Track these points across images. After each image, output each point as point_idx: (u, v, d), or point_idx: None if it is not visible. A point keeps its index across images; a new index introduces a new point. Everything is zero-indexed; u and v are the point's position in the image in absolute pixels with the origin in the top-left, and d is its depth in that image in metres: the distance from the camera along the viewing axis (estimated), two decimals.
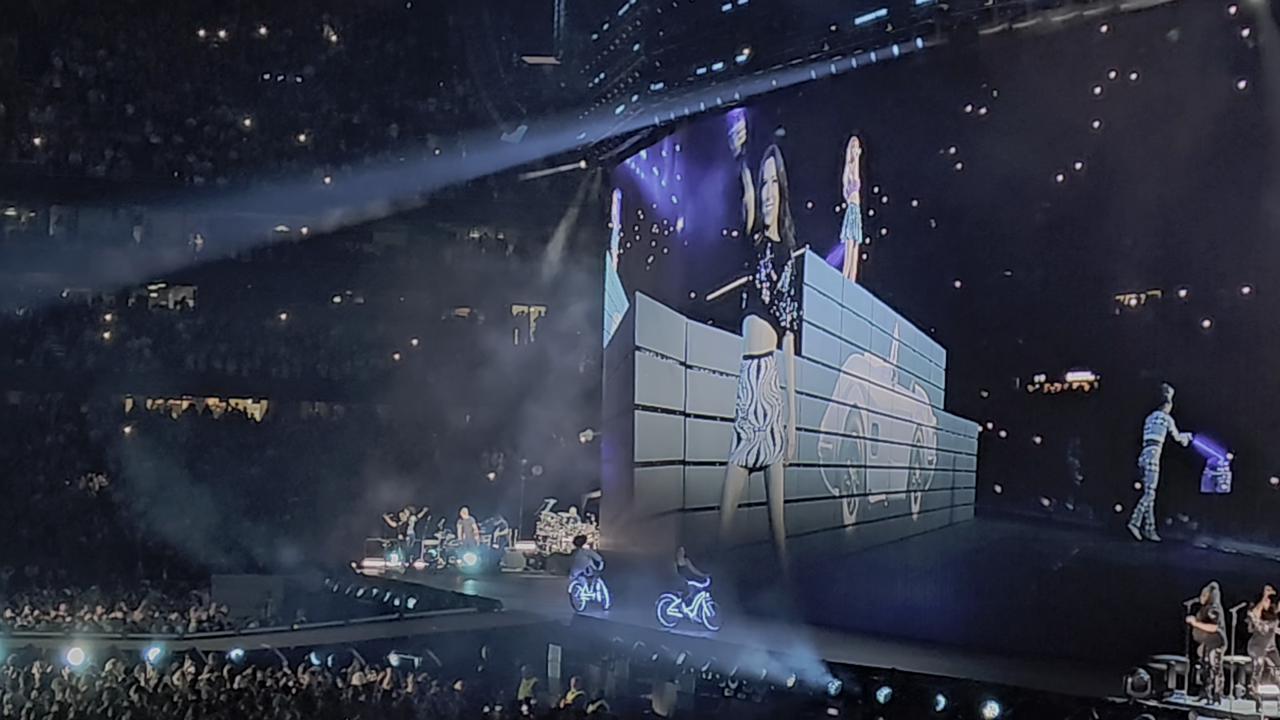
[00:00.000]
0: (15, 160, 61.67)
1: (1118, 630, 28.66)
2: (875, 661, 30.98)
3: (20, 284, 60.06)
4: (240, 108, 65.11)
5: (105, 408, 59.95)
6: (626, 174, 50.58)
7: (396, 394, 60.27)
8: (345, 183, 60.72)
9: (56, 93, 63.91)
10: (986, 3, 34.05)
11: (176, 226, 61.06)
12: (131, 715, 30.37)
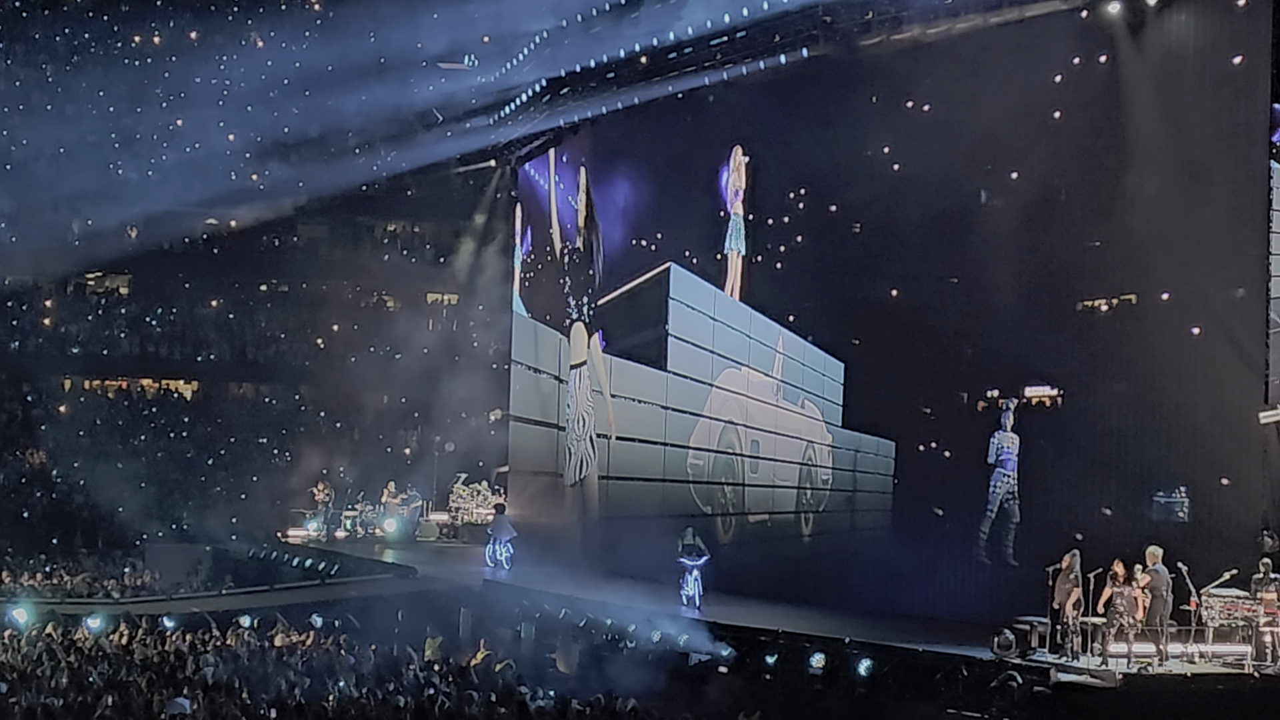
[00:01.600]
0: None
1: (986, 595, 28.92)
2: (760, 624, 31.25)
3: None
4: (172, 107, 64.67)
5: (45, 388, 59.60)
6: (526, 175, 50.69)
7: (319, 376, 60.27)
8: (271, 178, 60.44)
9: None
10: (867, 15, 34.22)
11: (111, 218, 60.56)
12: (69, 674, 30.22)
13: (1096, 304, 30.02)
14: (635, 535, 38.69)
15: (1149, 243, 28.97)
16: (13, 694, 27.32)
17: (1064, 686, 24.41)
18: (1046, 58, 30.92)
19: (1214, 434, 27.61)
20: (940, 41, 33.09)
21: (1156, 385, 28.55)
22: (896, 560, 33.11)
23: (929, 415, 33.28)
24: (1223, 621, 24.98)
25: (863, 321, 34.95)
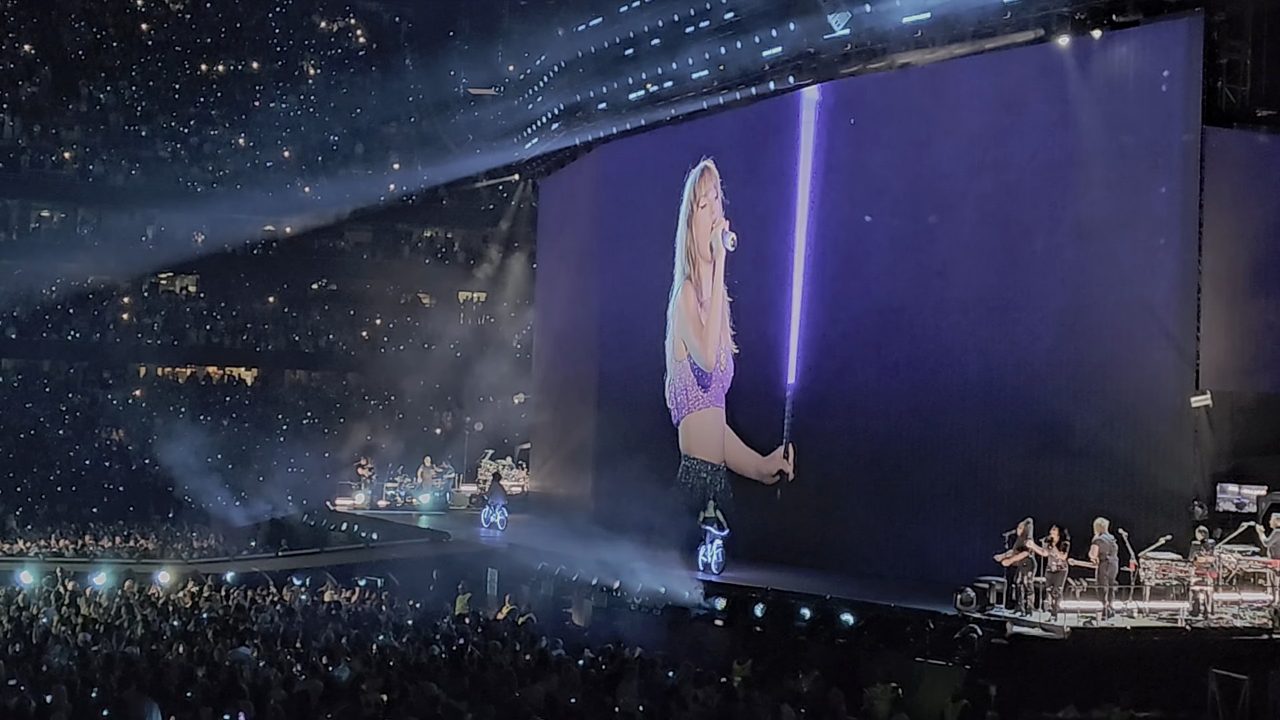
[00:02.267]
0: (49, 170, 61.18)
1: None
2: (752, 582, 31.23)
3: (53, 272, 59.65)
4: (234, 128, 64.73)
5: (123, 374, 59.65)
6: (550, 188, 50.61)
7: (364, 364, 60.31)
8: (321, 191, 60.47)
9: (83, 115, 63.37)
10: (846, 48, 34.17)
11: (182, 225, 60.59)
12: (144, 626, 30.21)
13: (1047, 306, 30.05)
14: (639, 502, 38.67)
15: (1093, 249, 29.07)
16: (96, 643, 27.33)
17: (1019, 638, 24.45)
18: (1004, 84, 31.01)
19: (1150, 416, 27.76)
20: (914, 69, 33.11)
21: (1099, 374, 28.63)
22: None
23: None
24: (1158, 581, 25.13)
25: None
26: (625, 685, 24.14)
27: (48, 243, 61.04)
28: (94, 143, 62.44)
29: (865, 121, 34.51)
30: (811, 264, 35.57)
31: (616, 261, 43.38)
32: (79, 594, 35.50)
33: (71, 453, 56.16)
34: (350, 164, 63.08)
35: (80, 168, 61.68)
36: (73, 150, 61.99)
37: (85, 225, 62.08)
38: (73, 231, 61.94)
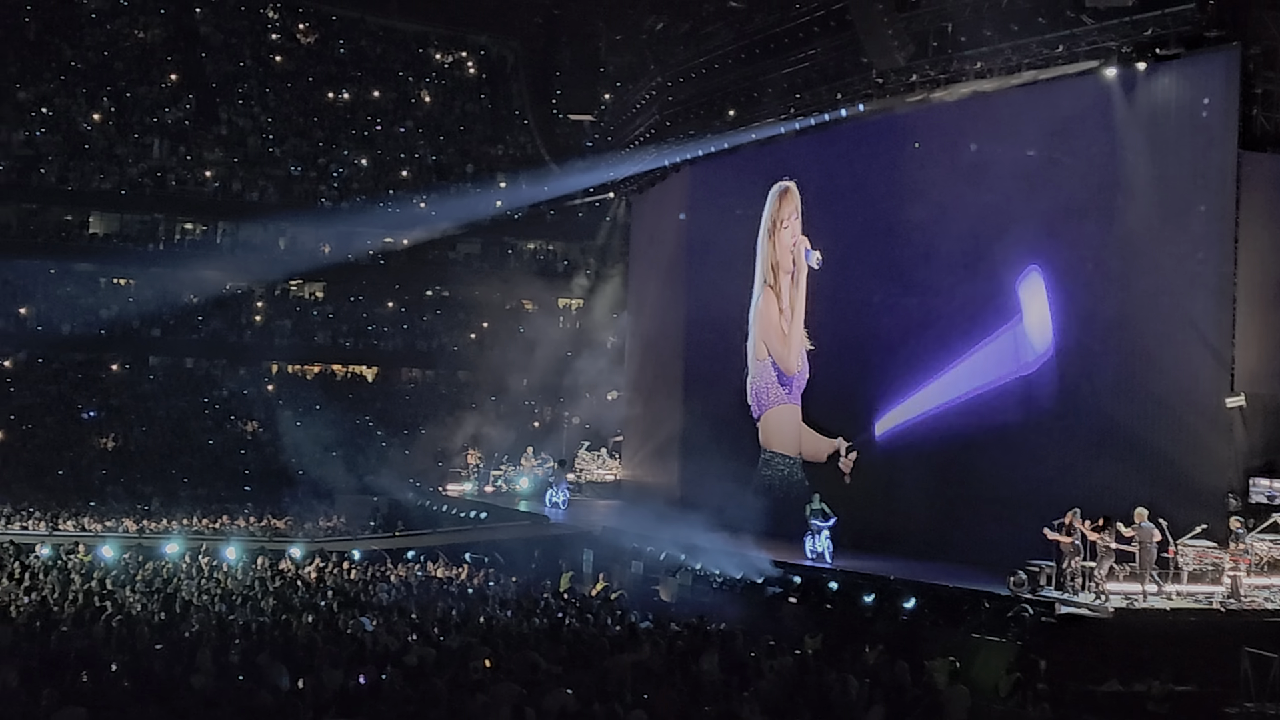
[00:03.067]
0: (193, 188, 61.87)
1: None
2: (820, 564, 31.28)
3: (195, 279, 60.10)
4: (358, 150, 65.21)
5: (257, 371, 60.18)
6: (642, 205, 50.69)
7: (473, 363, 60.55)
8: (435, 206, 60.78)
9: (223, 138, 64.01)
10: (911, 78, 34.12)
11: (311, 237, 61.11)
12: (276, 598, 30.50)
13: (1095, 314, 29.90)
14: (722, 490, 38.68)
15: (1138, 263, 28.90)
16: (232, 613, 27.62)
17: (1067, 617, 24.34)
18: (1056, 112, 30.87)
19: (1189, 415, 27.58)
20: (972, 98, 33.02)
21: (1143, 377, 28.47)
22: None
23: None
24: (1195, 566, 25.04)
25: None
26: (707, 656, 24.18)
27: (191, 253, 61.56)
28: (233, 163, 63.08)
29: (928, 146, 34.41)
30: (880, 274, 35.55)
31: (701, 271, 43.41)
32: (216, 568, 35.93)
33: (211, 441, 56.79)
34: (461, 182, 63.37)
35: (220, 185, 62.30)
36: (214, 170, 62.62)
37: (224, 237, 62.62)
38: (213, 242, 62.48)
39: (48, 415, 56.81)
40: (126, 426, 57.22)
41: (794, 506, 37.51)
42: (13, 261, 59.29)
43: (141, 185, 61.39)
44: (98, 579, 33.08)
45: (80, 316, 58.89)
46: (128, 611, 27.67)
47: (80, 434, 56.60)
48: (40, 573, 34.17)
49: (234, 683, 20.19)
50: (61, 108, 63.33)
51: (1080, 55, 30.04)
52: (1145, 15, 28.40)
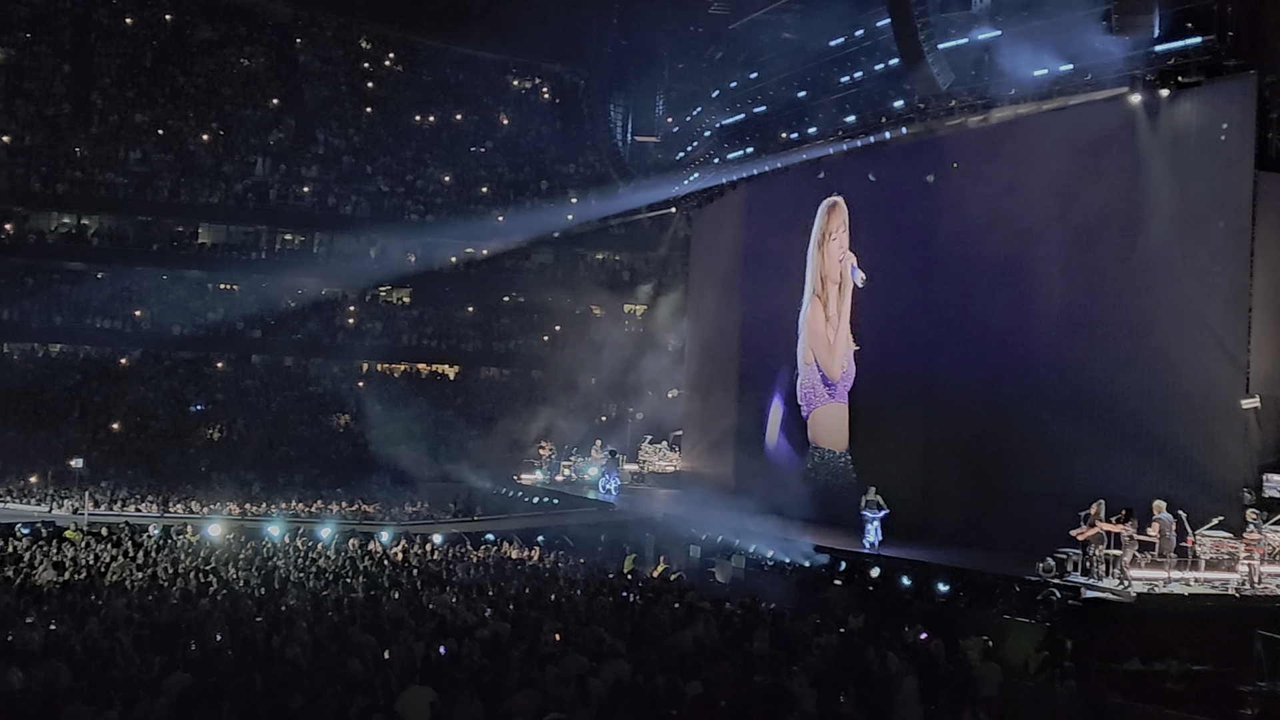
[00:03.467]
0: (292, 202, 62.31)
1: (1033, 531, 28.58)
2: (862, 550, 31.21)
3: (294, 285, 60.65)
4: (442, 168, 65.50)
5: (349, 369, 60.50)
6: (701, 219, 50.68)
7: (545, 363, 60.61)
8: (512, 220, 61.00)
9: (320, 157, 64.42)
10: (950, 103, 34.03)
11: (399, 247, 61.44)
12: (365, 576, 30.66)
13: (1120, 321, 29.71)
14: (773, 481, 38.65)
15: (1160, 274, 28.72)
16: (325, 590, 27.79)
17: (1091, 601, 24.24)
18: (1084, 135, 30.70)
19: (1206, 416, 27.39)
20: (1005, 122, 32.91)
21: (1163, 379, 28.28)
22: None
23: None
24: (1212, 555, 24.84)
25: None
26: (759, 633, 24.14)
27: (290, 261, 61.99)
28: (328, 179, 63.48)
29: (966, 165, 34.28)
30: (920, 282, 35.44)
31: (755, 280, 43.37)
32: (312, 548, 36.16)
33: (307, 432, 57.15)
34: (536, 198, 63.59)
35: (317, 200, 62.72)
36: (311, 185, 63.05)
37: (320, 247, 63.10)
38: (310, 252, 62.94)
39: (160, 408, 57.32)
40: (230, 419, 57.65)
41: (839, 496, 37.54)
42: (130, 268, 60.01)
43: (246, 199, 61.88)
44: (204, 557, 33.41)
45: (189, 319, 59.36)
46: (231, 587, 27.94)
47: (188, 425, 57.08)
48: (152, 550, 34.53)
49: (327, 653, 20.31)
50: (174, 129, 63.94)
51: (1107, 83, 29.89)
52: (1168, 45, 28.29)
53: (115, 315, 59.36)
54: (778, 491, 37.51)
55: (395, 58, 72.00)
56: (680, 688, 19.03)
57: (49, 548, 34.71)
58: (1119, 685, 21.37)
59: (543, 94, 72.72)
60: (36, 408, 55.54)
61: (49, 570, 30.53)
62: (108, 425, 55.71)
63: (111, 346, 59.51)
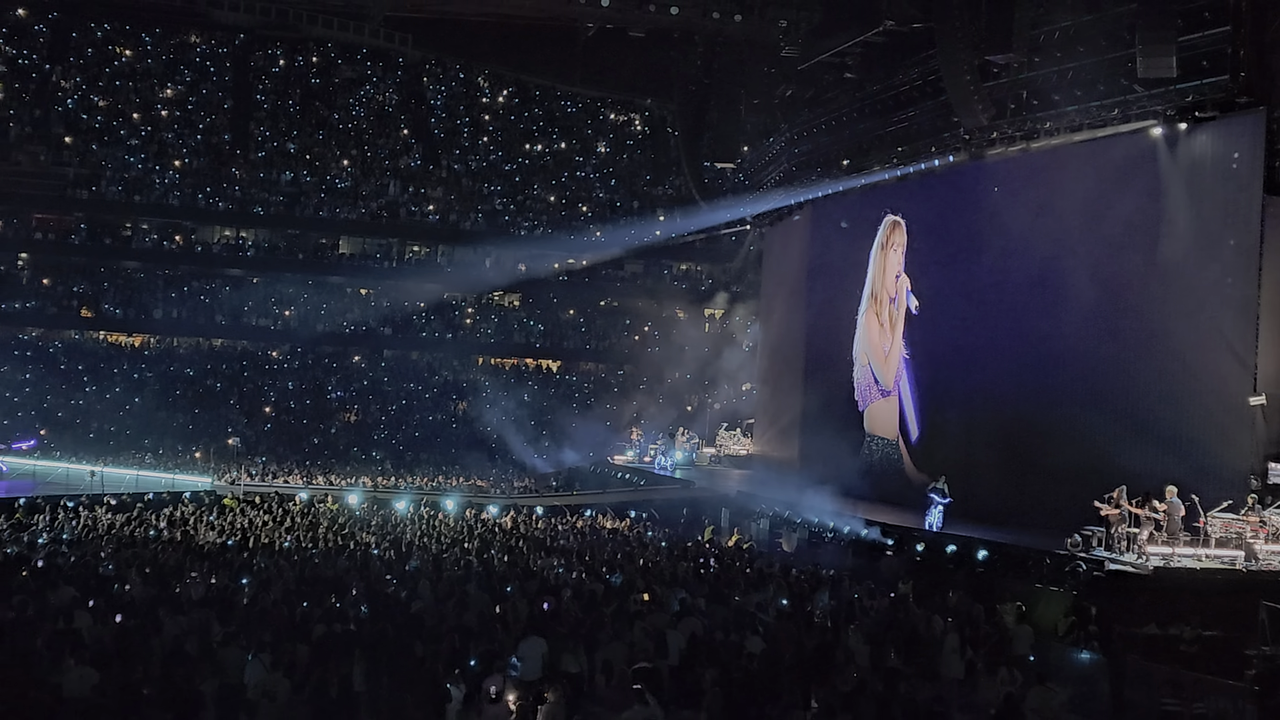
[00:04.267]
0: (419, 219, 62.81)
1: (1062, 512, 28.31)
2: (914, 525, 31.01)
3: (419, 290, 61.05)
4: (548, 190, 65.76)
5: (466, 364, 60.84)
6: (772, 235, 50.55)
7: (636, 358, 60.74)
8: (608, 235, 61.15)
9: (443, 179, 64.89)
10: (992, 134, 33.79)
11: (510, 258, 61.76)
12: (480, 541, 30.88)
13: (1140, 327, 29.40)
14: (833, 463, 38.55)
15: (1177, 285, 28.41)
16: (445, 553, 28.02)
17: (1114, 573, 24.01)
18: (1111, 163, 30.39)
19: (1218, 411, 27.05)
20: (1041, 151, 32.64)
21: (1179, 379, 27.97)
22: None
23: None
24: (1221, 534, 24.66)
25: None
26: (820, 595, 24.09)
27: (416, 269, 62.51)
28: (450, 199, 63.95)
29: (1006, 189, 33.99)
30: (965, 291, 35.21)
31: (818, 289, 43.33)
32: (434, 517, 36.48)
33: (430, 417, 57.54)
34: (628, 216, 63.62)
35: (441, 217, 63.18)
36: (435, 204, 63.52)
37: (443, 257, 63.53)
38: (434, 261, 63.40)
39: (305, 395, 57.96)
40: (365, 405, 58.17)
41: (890, 478, 37.55)
42: (280, 275, 60.70)
43: (380, 216, 62.45)
44: (341, 523, 33.81)
45: (331, 319, 60.00)
46: (364, 549, 28.25)
47: (329, 410, 57.66)
48: (298, 516, 34.99)
49: (446, 607, 20.49)
50: (319, 155, 64.68)
51: (1131, 117, 29.66)
52: (1186, 84, 28.04)
53: (267, 315, 60.15)
54: (837, 473, 37.40)
55: (509, 94, 72.39)
56: (749, 642, 19.03)
57: (210, 513, 35.32)
58: (1137, 647, 21.16)
59: (635, 126, 72.84)
60: (200, 394, 56.33)
61: (210, 532, 31.06)
62: (260, 409, 56.43)
63: (264, 342, 60.23)
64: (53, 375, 54.71)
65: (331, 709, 14.95)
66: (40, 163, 59.61)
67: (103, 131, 62.59)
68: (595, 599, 22.11)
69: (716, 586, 24.45)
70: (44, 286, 58.97)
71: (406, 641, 17.90)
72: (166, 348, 59.32)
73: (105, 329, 59.64)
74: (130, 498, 37.03)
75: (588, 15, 57.57)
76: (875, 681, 17.40)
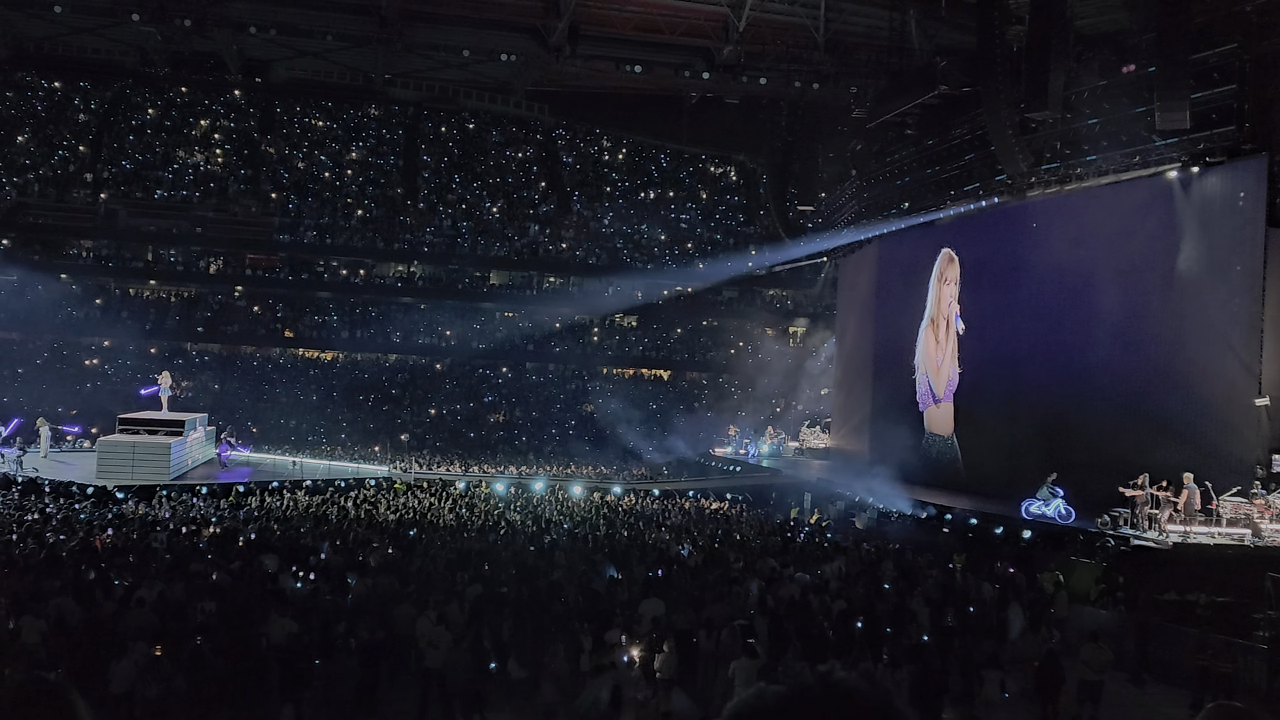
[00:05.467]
0: (554, 254, 63.23)
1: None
2: (967, 507, 30.56)
3: (554, 313, 61.41)
4: (659, 230, 65.83)
5: (592, 374, 61.02)
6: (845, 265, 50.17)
7: (733, 368, 60.53)
8: (708, 267, 61.11)
9: (574, 221, 65.31)
10: (1031, 179, 33.31)
11: (629, 286, 61.91)
12: (605, 517, 31.02)
13: (1158, 339, 28.77)
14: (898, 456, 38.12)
15: (1191, 304, 27.80)
16: (576, 529, 28.23)
17: (1138, 547, 23.60)
18: (1132, 202, 29.81)
19: (1228, 411, 26.45)
20: (1074, 193, 32.09)
21: (1193, 383, 27.32)
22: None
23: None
24: (1232, 515, 24.24)
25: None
26: (885, 565, 23.87)
27: (551, 297, 62.83)
28: (580, 237, 64.30)
29: (1042, 225, 33.43)
30: (1010, 310, 34.66)
31: (885, 310, 42.90)
32: (566, 499, 36.70)
33: (563, 417, 57.92)
34: (725, 251, 63.48)
35: (570, 252, 63.60)
36: (568, 243, 63.94)
37: (573, 286, 63.81)
38: (566, 290, 63.71)
39: (462, 400, 58.67)
40: (511, 408, 58.69)
41: (947, 470, 37.00)
42: (442, 302, 61.54)
43: (522, 253, 63.04)
44: (493, 505, 34.17)
45: (483, 337, 60.58)
46: (511, 526, 28.54)
47: (482, 412, 58.27)
48: (457, 499, 35.43)
49: (578, 573, 20.63)
50: (473, 203, 65.47)
51: (1151, 163, 29.15)
52: (1199, 134, 27.58)
53: (432, 334, 60.97)
54: (902, 464, 37.05)
55: (627, 152, 72.64)
56: (829, 604, 18.90)
57: (387, 496, 35.91)
58: (1160, 611, 20.77)
59: (730, 176, 72.60)
60: (379, 399, 57.33)
61: (387, 511, 31.59)
62: (427, 411, 57.24)
63: (430, 357, 61.00)
64: (262, 384, 56.09)
65: (484, 656, 15.15)
66: (252, 213, 61.20)
67: (301, 187, 64.08)
68: (700, 567, 22.14)
69: (800, 557, 24.36)
70: (254, 313, 60.49)
71: (545, 602, 18.07)
72: (351, 362, 60.40)
73: (303, 347, 60.92)
74: (324, 483, 37.80)
75: (691, 86, 57.62)
76: (935, 638, 17.23)
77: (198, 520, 27.86)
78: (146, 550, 22.18)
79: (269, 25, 55.10)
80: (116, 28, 59.39)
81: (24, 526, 25.04)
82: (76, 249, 59.18)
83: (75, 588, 17.69)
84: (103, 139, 64.35)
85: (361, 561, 21.47)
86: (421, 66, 65.61)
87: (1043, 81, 30.25)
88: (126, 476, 33.89)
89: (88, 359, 55.64)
